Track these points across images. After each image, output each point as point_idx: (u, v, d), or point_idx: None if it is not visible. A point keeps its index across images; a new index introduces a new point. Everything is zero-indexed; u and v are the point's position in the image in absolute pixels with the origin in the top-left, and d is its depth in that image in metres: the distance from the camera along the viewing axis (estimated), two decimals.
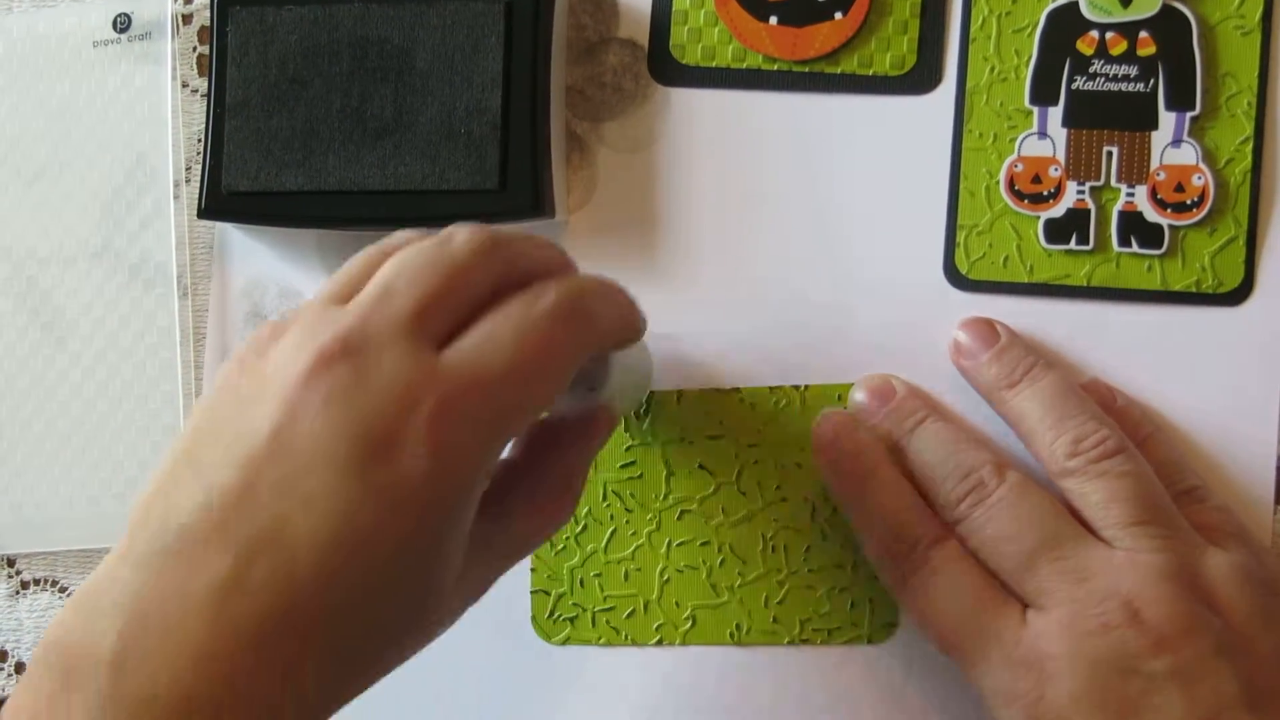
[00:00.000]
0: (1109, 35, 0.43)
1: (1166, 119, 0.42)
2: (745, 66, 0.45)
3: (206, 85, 0.46)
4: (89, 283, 0.49)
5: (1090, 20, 0.43)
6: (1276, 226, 0.42)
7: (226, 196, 0.45)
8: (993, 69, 0.43)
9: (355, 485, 0.29)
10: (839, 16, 0.44)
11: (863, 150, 0.44)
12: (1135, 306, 0.43)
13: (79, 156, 0.50)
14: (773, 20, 0.44)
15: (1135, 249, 0.42)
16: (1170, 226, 0.42)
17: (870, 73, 0.44)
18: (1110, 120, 0.42)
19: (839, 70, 0.44)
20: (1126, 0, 0.42)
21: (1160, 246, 0.42)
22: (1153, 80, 0.42)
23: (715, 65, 0.45)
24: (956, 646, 0.38)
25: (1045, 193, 0.43)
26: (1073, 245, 0.43)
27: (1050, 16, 0.43)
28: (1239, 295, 0.42)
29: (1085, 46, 0.43)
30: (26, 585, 0.50)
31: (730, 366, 0.45)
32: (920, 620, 0.39)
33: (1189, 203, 0.42)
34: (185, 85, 0.49)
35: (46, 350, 0.50)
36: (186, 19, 0.50)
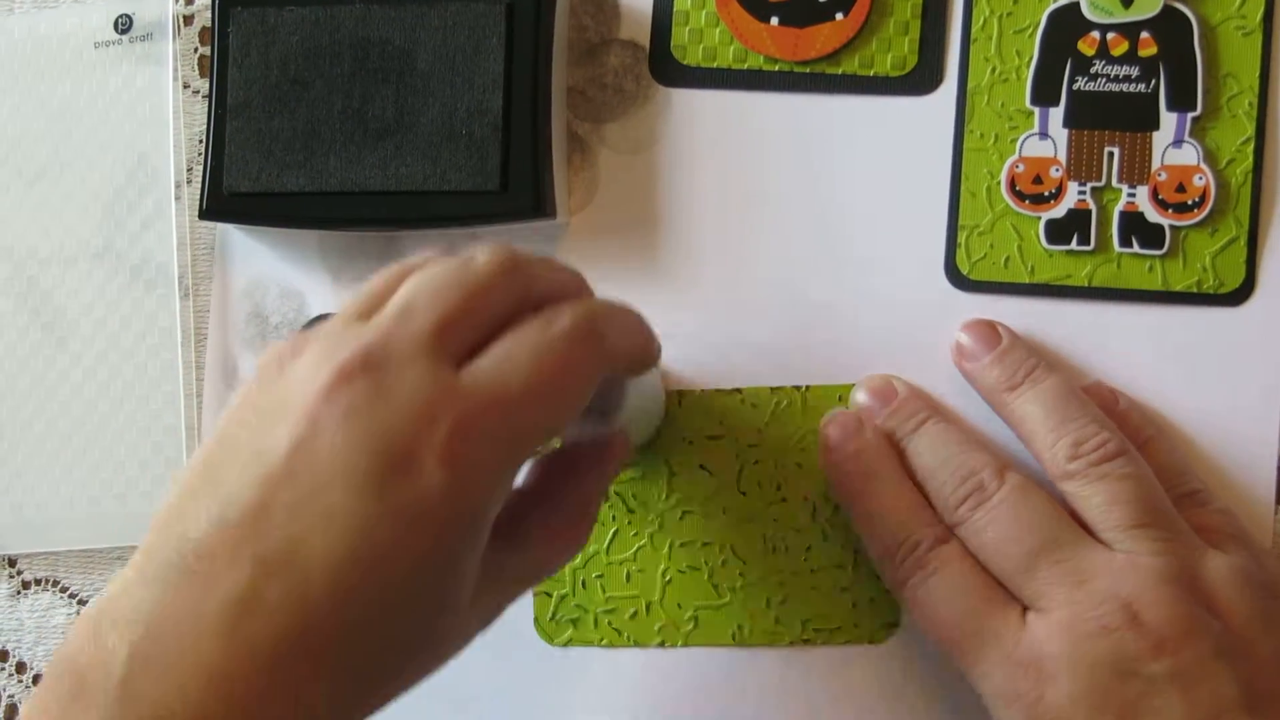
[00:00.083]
0: (1110, 36, 0.43)
1: (1168, 119, 0.42)
2: (746, 67, 0.45)
3: (208, 86, 0.46)
4: (90, 283, 0.49)
5: (1091, 21, 0.43)
6: (1277, 227, 0.42)
7: (228, 197, 0.45)
8: (994, 69, 0.43)
9: (373, 502, 0.29)
10: (840, 17, 0.44)
11: (864, 151, 0.44)
12: (1136, 307, 0.43)
13: (80, 157, 0.50)
14: (774, 21, 0.44)
15: (1136, 249, 0.42)
16: (1171, 227, 0.42)
17: (871, 73, 0.44)
18: (1111, 121, 0.42)
19: (840, 71, 0.44)
20: (1128, 1, 0.42)
21: (1161, 247, 0.42)
22: (1154, 81, 0.42)
23: (716, 66, 0.45)
24: (957, 647, 0.38)
25: (1046, 193, 0.43)
26: (1074, 246, 0.43)
27: (1051, 17, 0.43)
28: (1240, 295, 0.42)
29: (1086, 47, 0.43)
30: (28, 585, 0.50)
31: (731, 367, 0.45)
32: (921, 620, 0.39)
33: (1190, 203, 0.42)
34: (186, 86, 0.49)
35: (47, 351, 0.50)
36: (188, 20, 0.50)
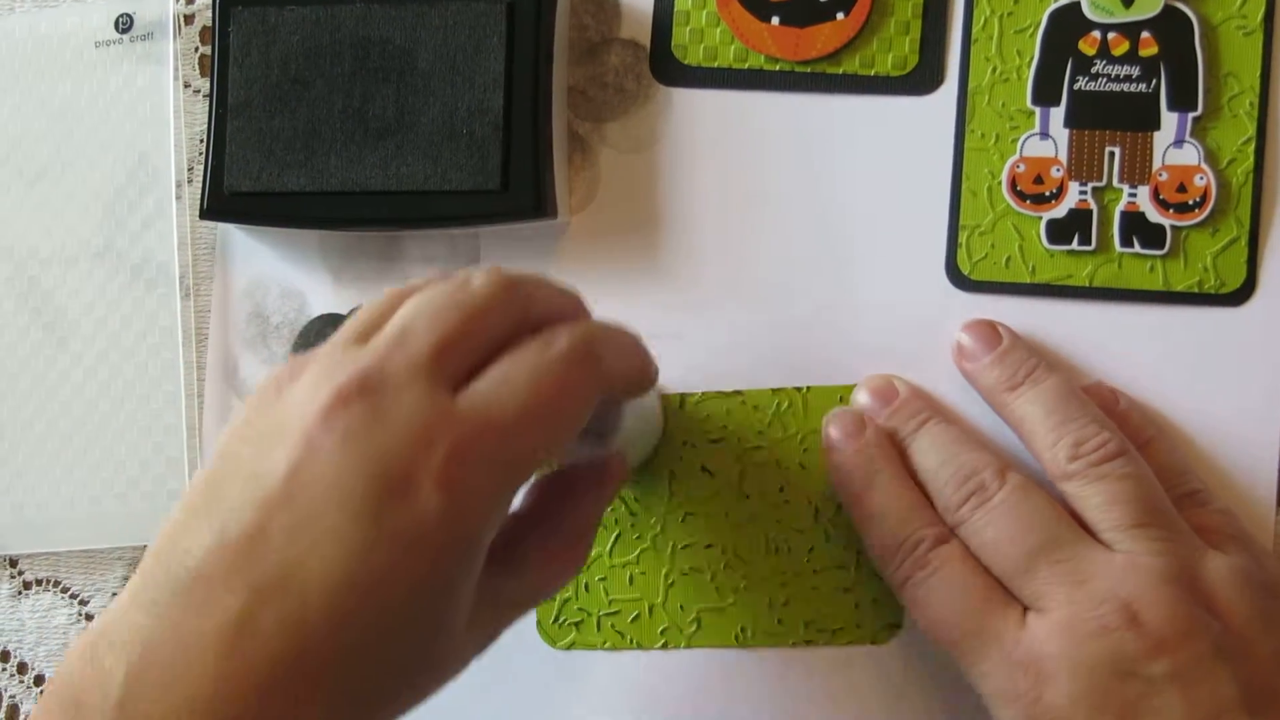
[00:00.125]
0: (1111, 35, 0.43)
1: (1168, 119, 0.42)
2: (747, 67, 0.45)
3: (208, 86, 0.46)
4: (91, 283, 0.49)
5: (1092, 20, 0.43)
6: (1278, 227, 0.42)
7: (228, 197, 0.45)
8: (995, 69, 0.43)
9: (369, 526, 0.29)
10: (841, 17, 0.44)
11: (865, 151, 0.44)
12: (1137, 307, 0.43)
13: (81, 157, 0.50)
14: (775, 20, 0.44)
15: (1137, 249, 0.42)
16: (1172, 227, 0.42)
17: (872, 73, 0.44)
18: (1112, 121, 0.42)
19: (841, 71, 0.44)
20: (1128, 0, 0.42)
21: (1162, 247, 0.42)
22: (1155, 80, 0.42)
23: (717, 65, 0.45)
24: (957, 647, 0.38)
25: (1047, 193, 0.43)
26: (1075, 246, 0.43)
27: (1052, 17, 0.43)
28: (1241, 295, 0.42)
29: (1087, 47, 0.43)
30: (29, 586, 0.50)
31: (732, 368, 0.45)
32: (921, 620, 0.39)
33: (1191, 203, 0.42)
34: (187, 85, 0.49)
35: (48, 351, 0.49)
36: (188, 19, 0.50)
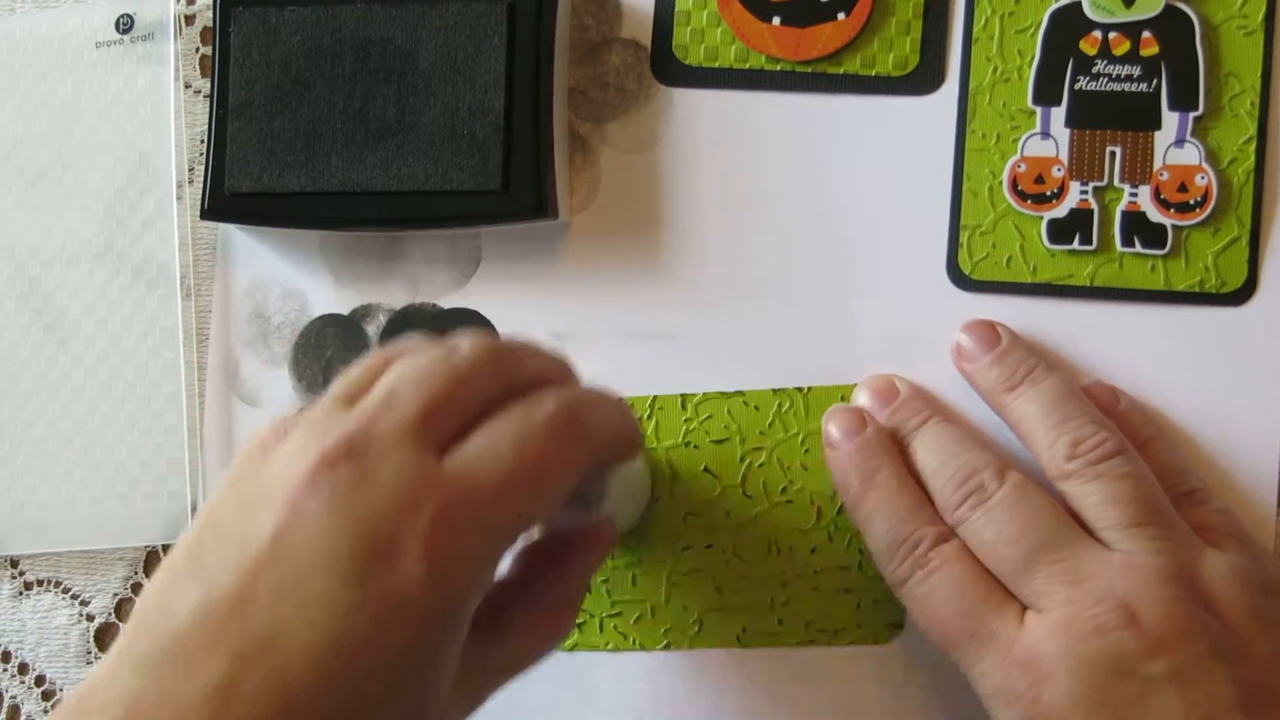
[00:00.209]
0: (1112, 35, 0.43)
1: (1169, 119, 0.42)
2: (748, 67, 0.45)
3: (209, 86, 0.46)
4: (92, 284, 0.49)
5: (1093, 20, 0.43)
6: (1279, 226, 0.42)
7: (229, 197, 0.45)
8: (996, 69, 0.43)
9: (355, 590, 0.29)
10: (842, 17, 0.44)
11: (866, 151, 0.44)
12: (1138, 307, 0.43)
13: (82, 157, 0.50)
14: (776, 21, 0.44)
15: (1138, 249, 0.42)
16: (1173, 226, 0.42)
17: (873, 73, 0.44)
18: (1113, 120, 0.42)
19: (842, 71, 0.44)
20: (1129, 0, 0.42)
21: (1163, 247, 0.42)
22: (1156, 80, 0.42)
23: (718, 66, 0.45)
24: (956, 646, 0.38)
25: (1048, 193, 0.43)
26: (1076, 245, 0.43)
27: (1053, 17, 0.43)
28: (1242, 295, 0.42)
29: (1088, 47, 0.43)
30: (30, 586, 0.50)
31: (733, 368, 0.45)
32: (921, 619, 0.39)
33: (1192, 203, 0.42)
34: (188, 86, 0.49)
35: (49, 351, 0.49)
36: (189, 20, 0.50)
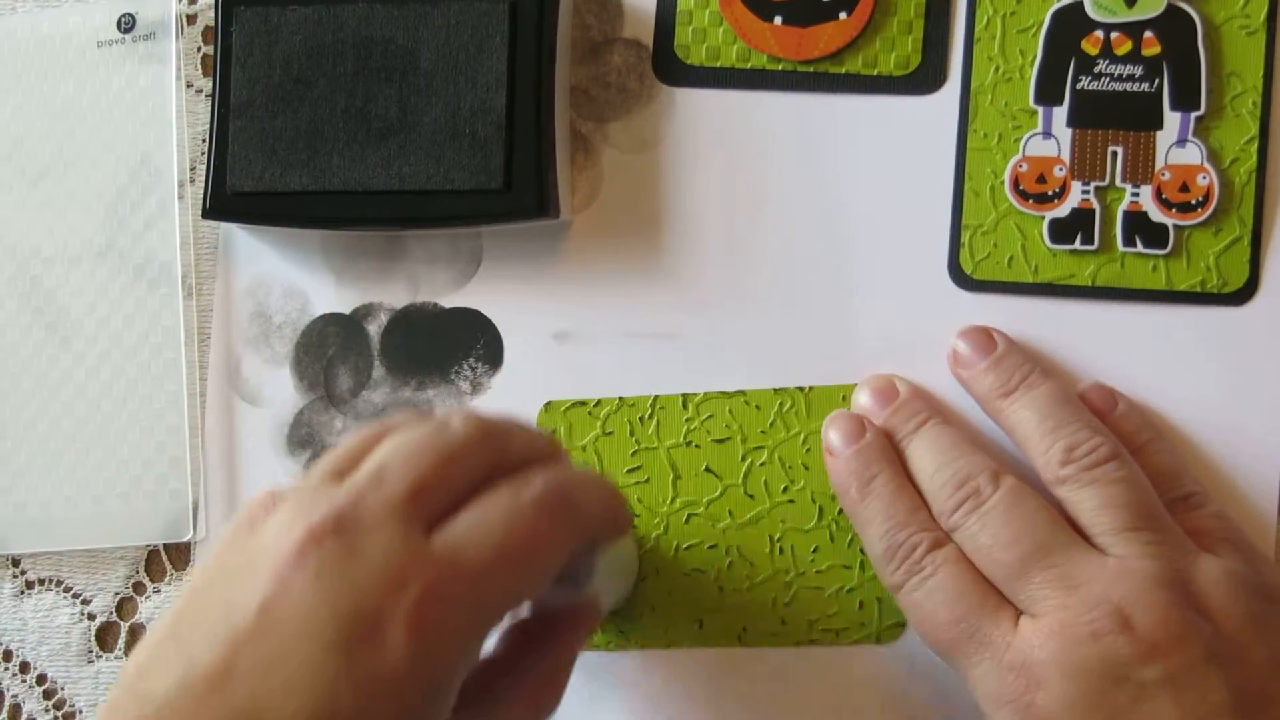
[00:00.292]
0: (1114, 35, 0.43)
1: (1171, 119, 0.42)
2: (750, 66, 0.45)
3: (211, 85, 0.46)
4: (93, 282, 0.49)
5: (1095, 20, 0.43)
6: None
7: (231, 197, 0.45)
8: (997, 69, 0.43)
9: (339, 667, 0.29)
10: (844, 16, 0.44)
11: (867, 150, 0.44)
12: (1140, 306, 0.43)
13: (83, 156, 0.50)
14: (777, 20, 0.44)
15: (1140, 249, 0.42)
16: (1175, 226, 0.42)
17: (875, 73, 0.44)
18: (1115, 120, 0.42)
19: (844, 70, 0.44)
20: (1131, 0, 0.42)
21: (1165, 246, 0.42)
22: (1157, 80, 0.42)
23: (720, 65, 0.45)
24: (951, 650, 0.38)
25: (1050, 193, 0.43)
26: (1077, 245, 0.43)
27: (1055, 16, 0.43)
28: (1244, 295, 0.42)
29: (1090, 46, 0.43)
30: (31, 585, 0.50)
31: (734, 367, 0.45)
32: (917, 623, 0.39)
33: (1194, 202, 0.42)
34: (190, 85, 0.49)
35: (51, 350, 0.49)
36: (191, 19, 0.50)
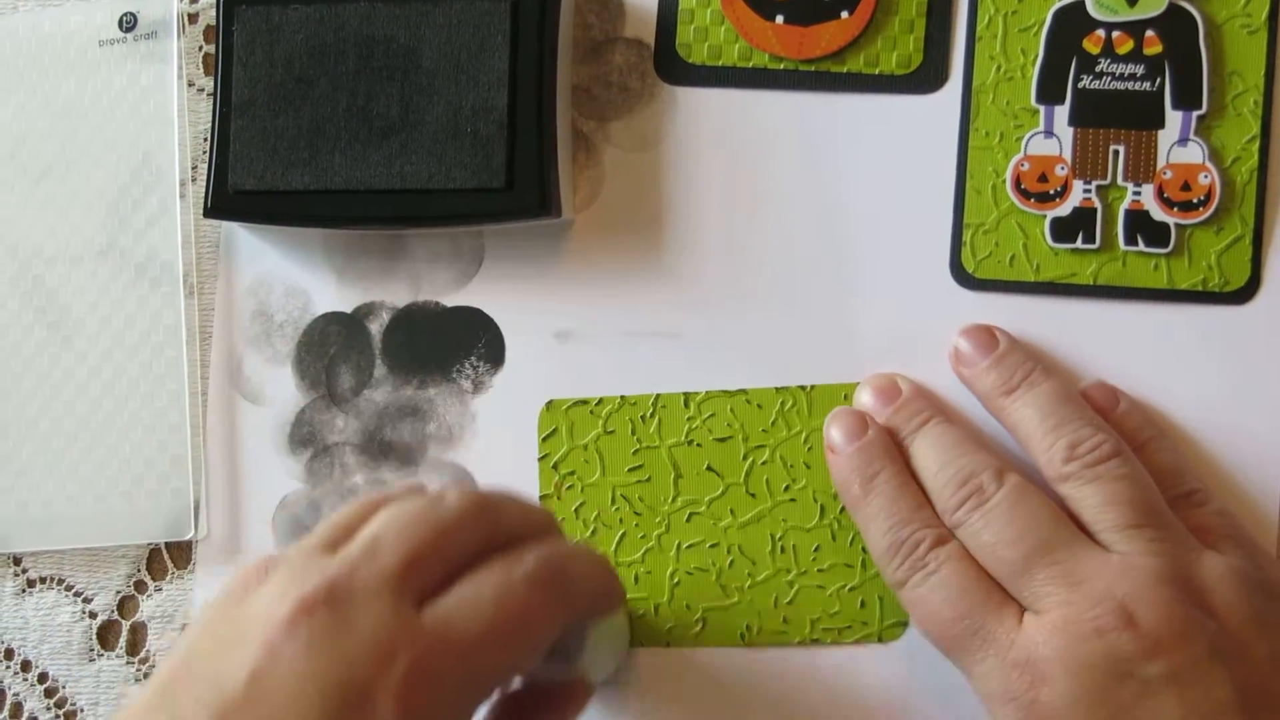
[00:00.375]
0: (1115, 34, 0.43)
1: (1173, 118, 0.42)
2: (751, 65, 0.45)
3: (212, 84, 0.46)
4: (95, 281, 0.49)
5: (1097, 19, 0.43)
6: None
7: (232, 195, 0.45)
8: (999, 68, 0.43)
9: None
10: (845, 15, 0.44)
11: (869, 149, 0.44)
12: (1141, 305, 0.43)
13: (85, 155, 0.50)
14: (779, 19, 0.44)
15: (1142, 248, 0.42)
16: (1177, 225, 0.42)
17: (876, 72, 0.44)
18: (1117, 119, 0.42)
19: (845, 69, 0.44)
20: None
21: (1167, 245, 0.42)
22: (1159, 79, 0.42)
23: (721, 64, 0.45)
24: (954, 647, 0.38)
25: (1052, 191, 0.43)
26: (1079, 244, 0.43)
27: (1057, 15, 0.43)
28: (1245, 294, 0.42)
29: (1092, 45, 0.43)
30: (33, 583, 0.50)
31: (736, 366, 0.45)
32: (920, 620, 0.39)
33: (1195, 201, 0.42)
34: (191, 84, 0.49)
35: (52, 349, 0.50)
36: (192, 18, 0.50)
